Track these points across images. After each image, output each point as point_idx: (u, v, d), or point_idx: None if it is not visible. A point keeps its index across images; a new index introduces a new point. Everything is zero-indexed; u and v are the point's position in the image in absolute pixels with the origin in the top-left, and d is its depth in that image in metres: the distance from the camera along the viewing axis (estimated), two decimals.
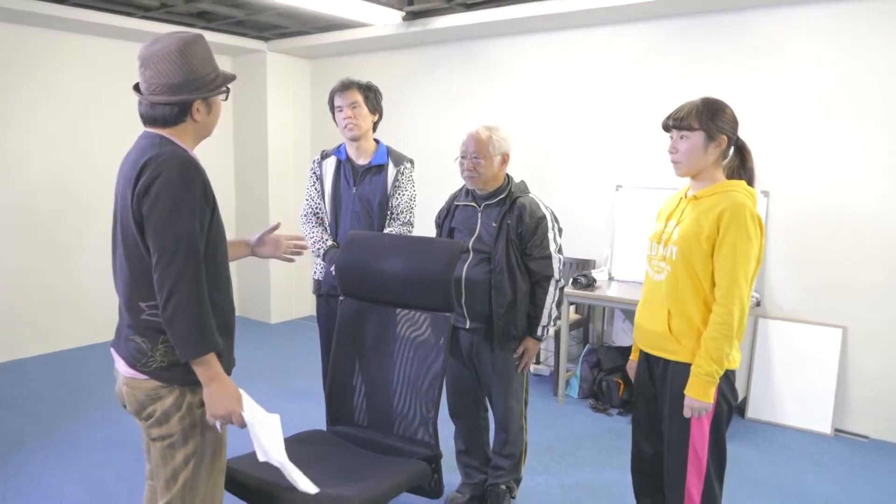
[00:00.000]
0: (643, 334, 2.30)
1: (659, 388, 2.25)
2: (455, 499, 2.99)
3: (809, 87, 3.98)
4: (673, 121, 2.17)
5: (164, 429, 1.78)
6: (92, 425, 3.85)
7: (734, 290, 2.02)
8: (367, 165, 2.96)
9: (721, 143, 2.12)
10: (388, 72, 5.70)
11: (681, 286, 2.14)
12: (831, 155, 3.94)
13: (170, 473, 1.81)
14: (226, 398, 1.74)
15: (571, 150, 4.89)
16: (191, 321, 1.66)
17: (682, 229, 2.14)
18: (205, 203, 1.73)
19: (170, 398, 1.78)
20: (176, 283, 1.65)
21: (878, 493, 3.25)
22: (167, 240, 1.66)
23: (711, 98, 2.16)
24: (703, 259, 2.09)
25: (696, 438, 2.13)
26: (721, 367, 2.05)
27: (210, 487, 1.86)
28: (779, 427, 4.04)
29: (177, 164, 1.69)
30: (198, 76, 1.75)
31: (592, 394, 4.41)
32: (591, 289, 4.31)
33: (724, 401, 2.14)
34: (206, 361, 1.71)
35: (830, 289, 3.99)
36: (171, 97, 1.74)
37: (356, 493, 2.06)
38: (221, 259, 1.83)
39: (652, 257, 2.29)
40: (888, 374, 3.85)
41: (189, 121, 1.79)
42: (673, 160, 2.20)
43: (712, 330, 2.05)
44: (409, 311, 2.51)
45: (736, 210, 2.03)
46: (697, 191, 2.18)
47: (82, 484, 3.17)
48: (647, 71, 4.55)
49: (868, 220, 3.85)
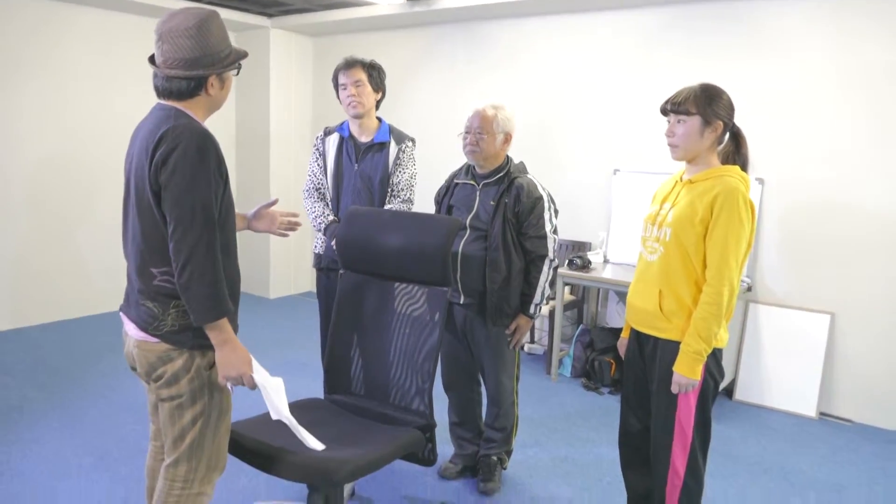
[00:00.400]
0: (634, 312, 2.37)
1: (648, 364, 2.32)
2: (448, 468, 3.09)
3: (806, 76, 4.03)
4: (671, 105, 2.22)
5: (174, 389, 1.86)
6: (94, 392, 3.94)
7: (724, 271, 2.09)
8: (370, 143, 3.02)
9: (717, 128, 2.18)
10: (391, 51, 5.72)
11: (673, 267, 2.21)
12: (826, 144, 4.00)
13: (177, 433, 1.89)
14: (238, 361, 1.82)
15: (570, 134, 4.94)
16: (206, 287, 1.73)
17: (677, 212, 2.21)
18: (219, 175, 1.80)
19: (179, 360, 1.85)
20: (193, 252, 1.71)
21: (860, 474, 3.35)
22: (184, 209, 1.71)
23: (709, 84, 2.22)
24: (695, 241, 2.15)
25: (683, 413, 2.21)
26: (709, 346, 2.13)
27: (215, 447, 1.95)
28: (765, 409, 4.13)
29: (194, 136, 1.75)
30: (213, 52, 1.81)
31: (585, 373, 4.50)
32: (586, 270, 4.38)
33: (710, 378, 2.21)
34: (219, 326, 1.78)
35: (820, 276, 4.07)
36: (188, 72, 1.80)
37: (352, 457, 2.14)
38: (230, 228, 1.90)
39: (646, 238, 2.35)
40: (873, 360, 3.94)
41: (203, 95, 1.85)
42: (670, 144, 2.25)
43: (702, 310, 2.12)
44: (407, 285, 2.57)
45: (729, 194, 2.09)
46: (693, 175, 2.24)
47: (85, 448, 3.26)
48: (646, 57, 4.59)
49: (859, 209, 3.92)
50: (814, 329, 4.08)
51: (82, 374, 4.22)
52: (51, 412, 3.65)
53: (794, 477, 3.27)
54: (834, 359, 4.05)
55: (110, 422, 3.56)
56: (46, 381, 4.10)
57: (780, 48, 4.10)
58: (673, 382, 2.18)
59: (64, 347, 4.74)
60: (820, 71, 3.99)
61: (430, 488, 2.99)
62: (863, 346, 3.97)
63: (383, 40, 5.86)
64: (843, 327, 4.02)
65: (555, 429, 3.69)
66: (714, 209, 2.11)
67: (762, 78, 4.16)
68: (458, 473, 3.09)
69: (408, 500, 2.89)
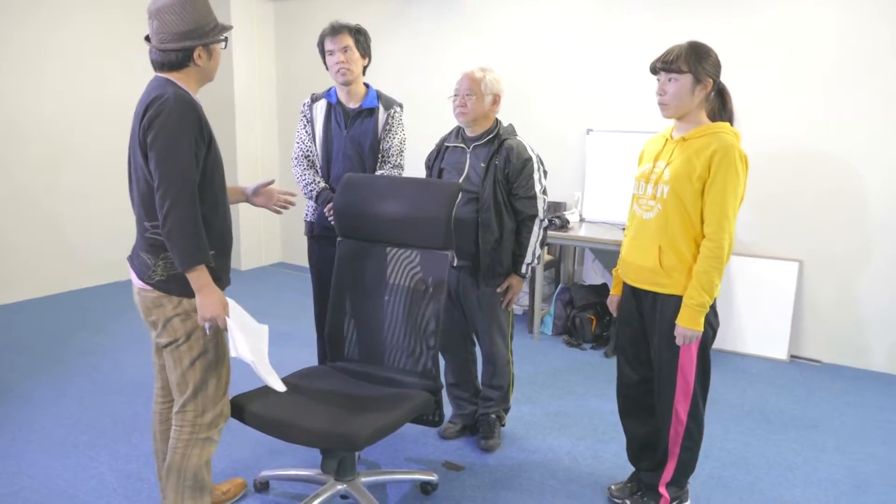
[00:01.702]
0: (632, 270, 2.43)
1: (648, 319, 2.40)
2: (448, 429, 3.16)
3: (771, 30, 4.13)
4: (661, 63, 2.26)
5: (170, 333, 2.08)
6: (78, 371, 3.86)
7: (724, 224, 2.17)
8: (358, 109, 2.99)
9: (707, 85, 2.23)
10: (356, 14, 5.60)
11: (671, 223, 2.27)
12: (791, 96, 4.12)
13: (180, 376, 2.12)
14: (213, 303, 2.00)
15: (542, 95, 4.97)
16: (185, 237, 1.92)
17: (674, 169, 2.26)
18: (200, 138, 1.98)
19: (169, 306, 2.06)
20: (173, 205, 1.90)
21: (832, 409, 3.56)
22: (166, 168, 1.91)
23: (698, 42, 2.26)
24: (693, 197, 2.22)
25: (685, 362, 2.31)
26: (711, 298, 2.21)
27: (218, 391, 2.17)
28: (740, 355, 4.32)
29: (176, 103, 1.93)
30: (199, 25, 2.00)
31: (566, 330, 4.61)
32: (564, 230, 4.46)
33: (709, 327, 2.31)
34: (197, 271, 1.97)
35: (788, 225, 4.24)
36: (176, 44, 2.00)
37: (371, 420, 2.18)
38: (218, 186, 2.09)
39: (639, 196, 2.40)
40: (840, 303, 4.15)
41: (192, 65, 2.05)
42: (660, 102, 2.29)
43: (704, 263, 2.19)
44: (407, 250, 2.59)
45: (726, 151, 2.16)
46: (685, 132, 2.29)
47: (78, 427, 3.21)
48: (616, 16, 4.62)
49: (823, 159, 4.07)
50: (783, 277, 4.26)
51: (62, 353, 4.13)
52: (37, 392, 3.58)
53: (773, 416, 3.45)
54: (802, 304, 4.25)
55: (99, 399, 3.51)
56: (26, 361, 3.99)
57: (747, 4, 4.18)
58: (677, 335, 2.26)
59: (38, 326, 4.61)
60: (785, 24, 4.09)
61: (432, 448, 3.06)
62: (829, 291, 4.17)
63: (345, 3, 5.74)
64: (810, 274, 4.21)
65: (545, 385, 3.80)
66: (712, 166, 2.18)
67: (729, 33, 4.24)
68: (457, 433, 3.16)
69: (412, 461, 2.95)
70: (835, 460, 3.02)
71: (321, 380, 2.56)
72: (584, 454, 3.04)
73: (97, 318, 4.87)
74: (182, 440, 2.14)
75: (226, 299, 2.05)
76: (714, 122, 2.30)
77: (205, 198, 2.01)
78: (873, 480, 2.87)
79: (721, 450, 3.08)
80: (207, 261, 1.98)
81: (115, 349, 4.26)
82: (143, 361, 4.06)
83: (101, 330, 4.61)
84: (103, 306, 5.15)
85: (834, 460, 3.02)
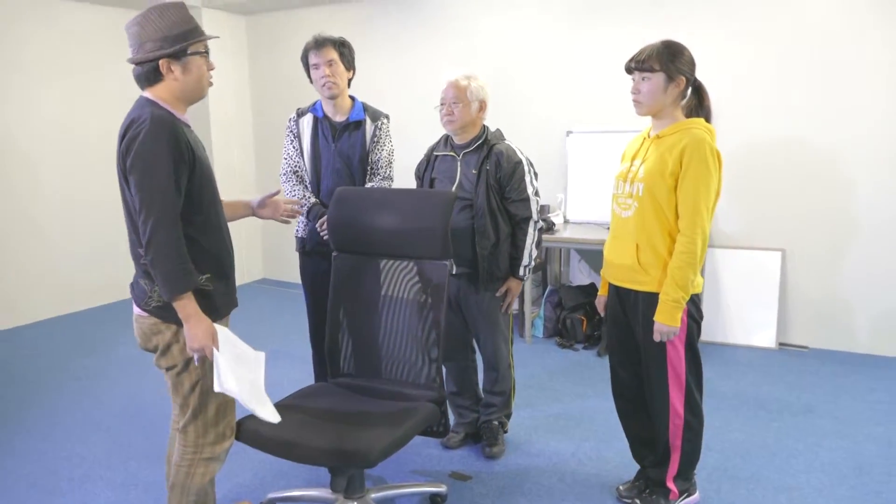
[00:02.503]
0: (613, 269, 2.45)
1: (631, 317, 2.42)
2: (451, 438, 3.14)
3: (747, 22, 4.20)
4: (635, 63, 2.29)
5: (169, 359, 2.05)
6: (68, 400, 3.77)
7: (696, 220, 2.20)
8: (346, 122, 2.97)
9: (680, 83, 2.26)
10: (330, 26, 5.52)
11: (648, 220, 2.29)
12: (770, 86, 4.20)
13: (181, 400, 2.09)
14: (200, 334, 1.93)
15: (522, 98, 4.99)
16: (167, 265, 1.86)
17: (647, 166, 2.29)
18: (180, 159, 1.90)
19: (168, 332, 2.02)
20: (153, 232, 1.84)
21: (825, 393, 3.62)
22: (144, 194, 1.85)
23: (671, 41, 2.29)
24: (667, 193, 2.24)
25: (673, 357, 2.34)
26: (686, 293, 2.23)
27: (220, 413, 2.13)
28: (729, 346, 4.38)
29: (152, 125, 1.86)
30: (161, 37, 1.92)
31: (557, 332, 4.63)
32: (551, 233, 4.47)
33: (692, 321, 2.34)
34: (182, 300, 1.90)
35: (770, 215, 4.31)
36: (140, 56, 1.94)
37: (381, 436, 2.16)
38: (209, 206, 2.03)
39: (618, 195, 2.43)
40: (823, 289, 4.23)
41: (167, 80, 1.96)
42: (634, 100, 2.33)
43: (678, 259, 2.22)
44: (405, 262, 2.57)
45: (696, 145, 2.19)
46: (660, 130, 2.33)
47: (72, 460, 3.12)
48: (595, 16, 4.67)
49: (801, 148, 4.15)
50: (767, 266, 4.33)
51: (55, 380, 4.03)
52: (29, 422, 3.49)
53: (769, 404, 3.50)
54: (787, 292, 4.32)
55: (93, 427, 3.42)
56: (17, 391, 3.89)
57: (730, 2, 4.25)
58: (655, 332, 2.28)
59: (29, 353, 4.49)
60: (765, 18, 4.16)
61: (436, 459, 3.04)
62: (813, 278, 4.25)
63: (318, 15, 5.71)
64: (793, 262, 4.29)
65: (542, 388, 3.80)
66: (683, 161, 2.20)
67: (711, 29, 4.30)
68: (461, 442, 3.15)
69: (418, 474, 2.93)
70: (834, 444, 3.07)
71: (324, 397, 2.53)
72: (589, 455, 3.05)
73: (89, 342, 4.77)
74: (186, 458, 2.13)
75: (214, 329, 1.98)
76: (690, 118, 2.33)
77: (193, 220, 1.96)
78: (875, 461, 2.92)
79: (723, 441, 3.11)
80: (192, 287, 1.91)
81: (108, 374, 4.17)
82: (136, 386, 3.98)
83: (92, 353, 4.52)
84: (94, 330, 5.05)
85: (833, 444, 3.07)
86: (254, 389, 2.12)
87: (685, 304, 2.26)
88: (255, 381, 2.14)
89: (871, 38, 3.91)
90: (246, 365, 2.12)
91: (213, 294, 2.02)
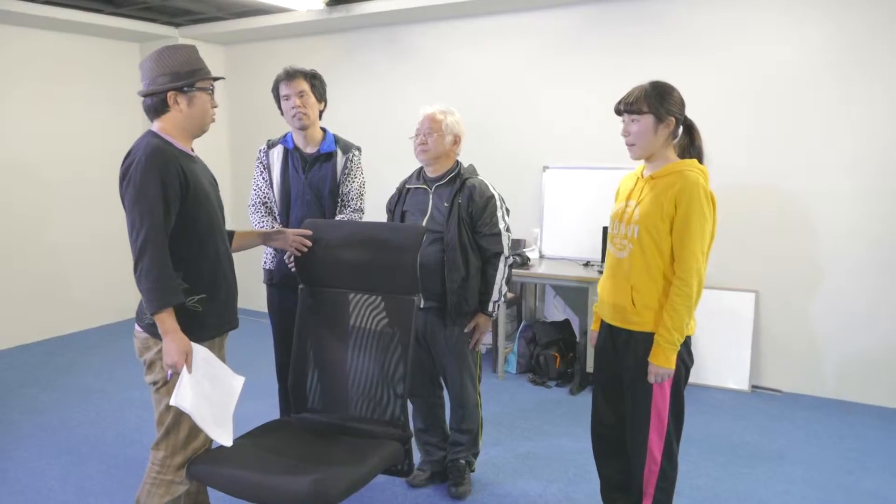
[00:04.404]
0: (607, 308, 2.43)
1: (622, 356, 2.39)
2: (417, 476, 3.06)
3: (723, 69, 4.27)
4: (624, 105, 2.30)
5: (152, 375, 2.16)
6: (22, 434, 3.64)
7: (692, 263, 2.19)
8: (316, 153, 2.95)
9: (669, 124, 2.27)
10: (308, 58, 5.59)
11: (643, 262, 2.27)
12: (743, 128, 4.25)
13: (158, 417, 2.18)
14: (174, 350, 2.02)
15: (498, 134, 5.01)
16: (151, 282, 1.98)
17: (643, 209, 2.28)
18: (170, 185, 2.03)
19: (154, 349, 2.13)
20: (140, 252, 1.99)
21: (796, 439, 3.59)
22: (134, 216, 2.00)
23: (659, 82, 2.29)
24: (663, 236, 2.23)
25: (659, 400, 2.29)
26: (682, 336, 2.21)
27: (191, 438, 2.18)
28: (702, 387, 4.35)
29: (145, 151, 2.02)
30: (169, 72, 2.11)
31: (530, 368, 4.58)
32: (525, 268, 4.46)
33: (682, 364, 2.30)
34: (162, 317, 2.01)
35: (743, 256, 4.33)
36: (150, 88, 2.13)
37: (340, 476, 2.09)
38: (204, 229, 2.15)
39: (614, 236, 2.41)
40: (796, 331, 4.23)
41: (172, 112, 2.13)
42: (627, 143, 2.32)
43: (674, 301, 2.20)
44: (372, 296, 2.53)
45: (690, 189, 2.18)
46: (653, 171, 2.32)
47: (24, 493, 3.01)
48: (570, 54, 4.72)
49: (775, 191, 4.19)
50: (740, 307, 4.33)
51: (7, 414, 3.89)
52: None
53: (740, 449, 3.46)
54: (760, 334, 4.32)
55: (47, 463, 3.30)
56: None
57: (697, 45, 4.32)
58: (649, 373, 2.25)
59: None
60: (736, 63, 4.23)
61: (401, 498, 2.96)
62: (786, 320, 4.25)
63: (300, 47, 5.74)
64: (767, 304, 4.30)
65: (512, 426, 3.74)
66: (677, 204, 2.20)
67: (681, 72, 4.36)
68: (426, 480, 3.07)
69: None
70: (805, 492, 3.03)
71: (285, 434, 2.46)
72: (557, 497, 2.98)
73: (44, 374, 4.64)
74: (151, 475, 2.18)
75: (190, 347, 2.06)
76: (683, 158, 2.33)
77: (188, 240, 2.09)
78: None
79: (692, 487, 3.07)
80: (172, 305, 2.01)
81: (64, 406, 4.04)
82: (94, 417, 3.86)
83: (48, 386, 4.39)
84: (50, 361, 4.91)
85: (804, 492, 3.03)
86: (218, 410, 2.14)
87: (679, 346, 2.24)
88: (225, 404, 2.19)
89: (835, 85, 3.98)
90: (221, 387, 2.18)
91: (204, 314, 2.14)
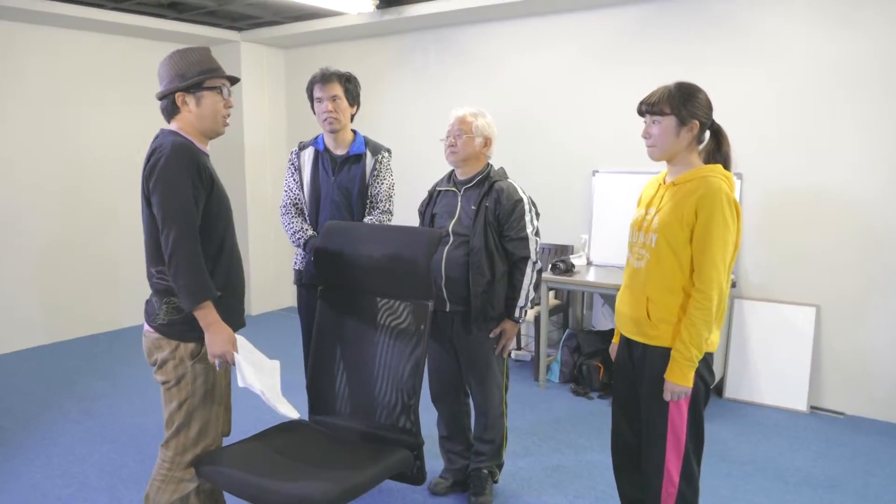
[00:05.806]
0: (623, 320, 2.32)
1: (637, 370, 2.27)
2: (438, 484, 3.02)
3: (781, 69, 4.02)
4: (645, 106, 2.18)
5: (163, 374, 2.17)
6: (70, 420, 3.82)
7: (713, 275, 2.04)
8: (346, 155, 2.96)
9: (693, 127, 2.13)
10: (363, 60, 5.66)
11: (660, 273, 2.15)
12: (803, 135, 3.99)
13: (168, 415, 2.19)
14: (221, 341, 2.07)
15: (547, 136, 4.91)
16: (189, 275, 2.00)
17: (662, 217, 2.16)
18: (199, 181, 2.06)
19: (167, 349, 2.14)
20: (175, 246, 2.00)
21: (854, 467, 3.33)
22: (167, 212, 2.01)
23: (685, 83, 2.17)
24: (682, 246, 2.10)
25: (675, 418, 2.16)
26: (700, 352, 2.07)
27: (201, 436, 2.20)
28: (755, 406, 4.11)
29: (173, 149, 2.04)
30: (180, 74, 2.13)
31: (573, 378, 4.45)
32: (569, 274, 4.34)
33: (701, 382, 2.16)
34: (204, 309, 2.04)
35: (803, 268, 4.06)
36: (162, 91, 2.16)
37: (336, 482, 2.07)
38: (224, 228, 2.18)
39: (633, 244, 2.30)
40: (861, 350, 3.93)
41: (183, 112, 2.15)
42: (647, 145, 2.21)
43: (692, 315, 2.07)
44: (388, 300, 2.50)
45: (712, 196, 2.04)
46: (675, 177, 2.19)
47: (64, 478, 3.14)
48: (621, 56, 4.57)
49: (839, 199, 3.91)
50: (800, 322, 4.07)
51: (57, 401, 4.10)
52: (29, 440, 3.55)
53: (788, 475, 3.24)
54: (821, 351, 4.04)
55: (89, 449, 3.45)
56: (21, 409, 3.97)
57: (754, 45, 4.10)
58: (665, 390, 2.12)
59: (37, 374, 4.61)
60: (795, 66, 3.98)
61: None
62: (849, 337, 3.96)
63: (354, 50, 5.80)
64: (828, 319, 4.01)
65: (545, 437, 3.64)
66: (698, 212, 2.06)
67: (739, 74, 4.15)
68: (448, 489, 3.02)
69: None
70: None
71: (296, 436, 2.46)
72: None
73: (103, 363, 4.86)
74: (161, 473, 2.21)
75: (234, 336, 2.12)
76: (708, 164, 2.19)
77: (211, 237, 2.12)
78: None
79: None
80: (212, 297, 2.04)
81: (115, 396, 4.22)
82: (141, 408, 4.01)
83: (104, 376, 4.60)
84: (110, 351, 5.15)
85: None
86: (272, 392, 2.21)
87: (698, 363, 2.11)
88: (272, 387, 2.25)
89: None
90: (262, 372, 2.24)
91: (221, 311, 2.12)
